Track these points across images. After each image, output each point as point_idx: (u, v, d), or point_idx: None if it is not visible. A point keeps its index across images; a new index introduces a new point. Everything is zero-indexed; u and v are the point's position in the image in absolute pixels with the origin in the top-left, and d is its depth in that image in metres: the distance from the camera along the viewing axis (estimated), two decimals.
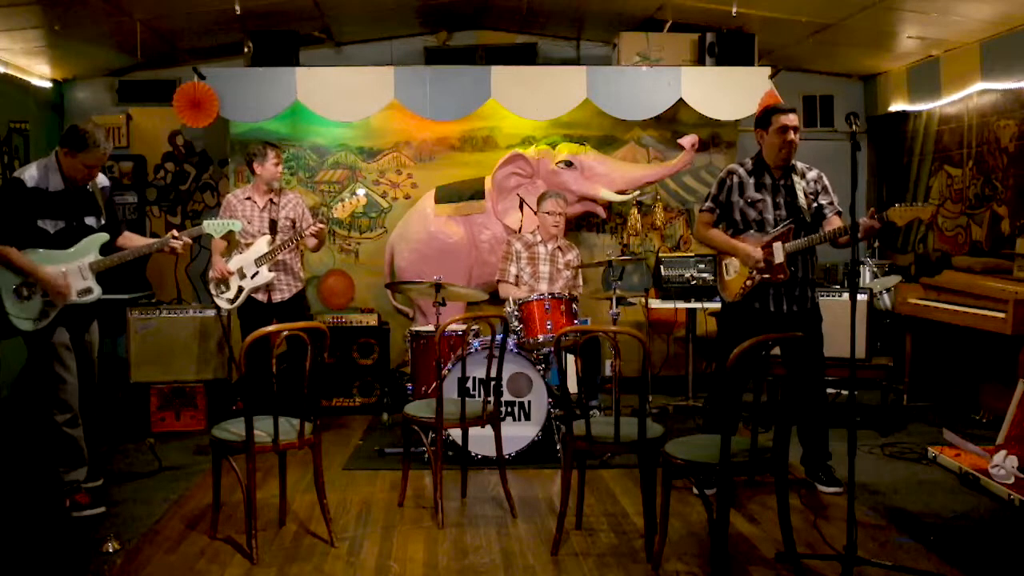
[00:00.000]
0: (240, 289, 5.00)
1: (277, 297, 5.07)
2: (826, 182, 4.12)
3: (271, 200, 5.10)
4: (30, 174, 3.80)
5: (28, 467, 4.42)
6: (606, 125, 6.40)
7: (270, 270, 4.98)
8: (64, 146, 3.81)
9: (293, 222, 5.13)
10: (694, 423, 5.42)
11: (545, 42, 6.70)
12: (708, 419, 4.37)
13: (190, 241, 4.06)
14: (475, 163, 6.43)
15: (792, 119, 4.00)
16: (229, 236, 5.03)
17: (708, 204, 4.15)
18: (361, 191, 4.98)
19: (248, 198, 5.12)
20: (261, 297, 5.04)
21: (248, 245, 5.05)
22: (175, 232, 4.03)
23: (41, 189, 3.79)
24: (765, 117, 4.08)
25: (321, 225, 4.95)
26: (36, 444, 4.16)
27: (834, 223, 3.96)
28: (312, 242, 5.05)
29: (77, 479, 3.90)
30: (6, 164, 5.71)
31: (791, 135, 3.98)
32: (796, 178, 4.04)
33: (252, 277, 4.97)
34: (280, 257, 5.00)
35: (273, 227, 5.03)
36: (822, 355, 4.15)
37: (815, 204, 4.02)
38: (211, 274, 5.11)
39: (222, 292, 5.05)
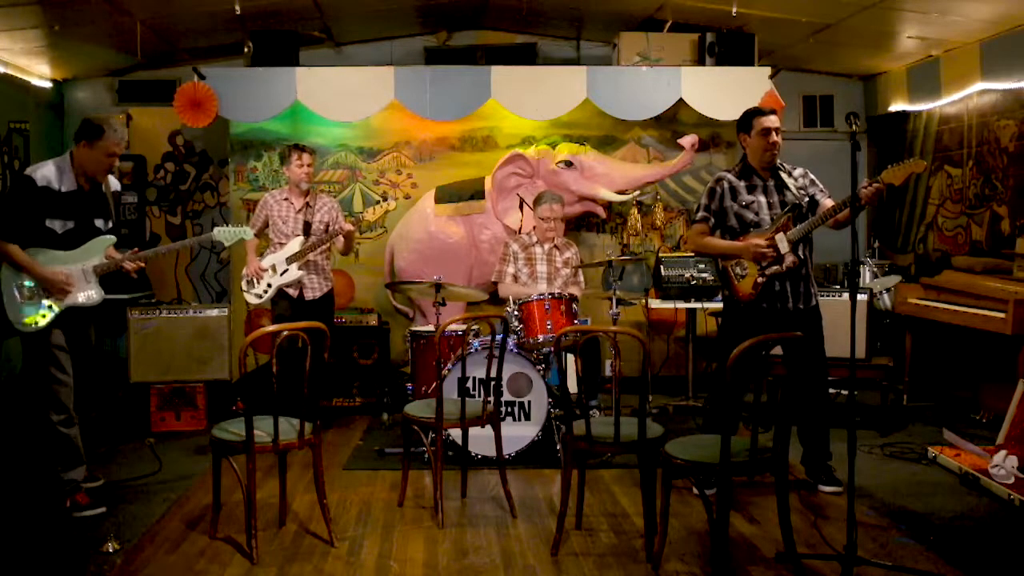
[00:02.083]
0: (268, 286, 5.13)
1: (309, 295, 5.19)
2: (812, 176, 4.13)
3: (307, 204, 5.19)
4: (42, 173, 3.77)
5: (28, 467, 4.42)
6: (606, 125, 6.40)
7: (299, 269, 5.09)
8: (81, 139, 3.80)
9: (327, 226, 5.21)
10: (694, 423, 5.42)
11: (545, 42, 6.70)
12: (708, 419, 4.37)
13: (142, 264, 4.00)
14: (475, 163, 6.44)
15: (773, 120, 4.01)
16: (260, 232, 5.22)
17: (701, 214, 4.12)
18: (392, 198, 5.12)
19: (286, 199, 5.22)
20: (292, 292, 5.16)
21: (281, 244, 5.16)
22: (136, 249, 4.05)
23: (52, 189, 3.76)
24: (746, 120, 4.08)
25: (351, 227, 5.07)
26: (35, 444, 4.15)
27: (828, 204, 3.94)
28: (340, 242, 5.15)
29: (75, 479, 3.90)
30: (6, 164, 5.71)
31: (774, 136, 3.99)
32: (784, 176, 4.05)
33: (281, 274, 5.11)
34: (312, 258, 5.13)
35: (307, 229, 5.15)
36: (824, 354, 4.15)
37: (807, 198, 4.03)
38: (245, 271, 5.22)
39: (252, 288, 5.19)
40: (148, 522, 3.74)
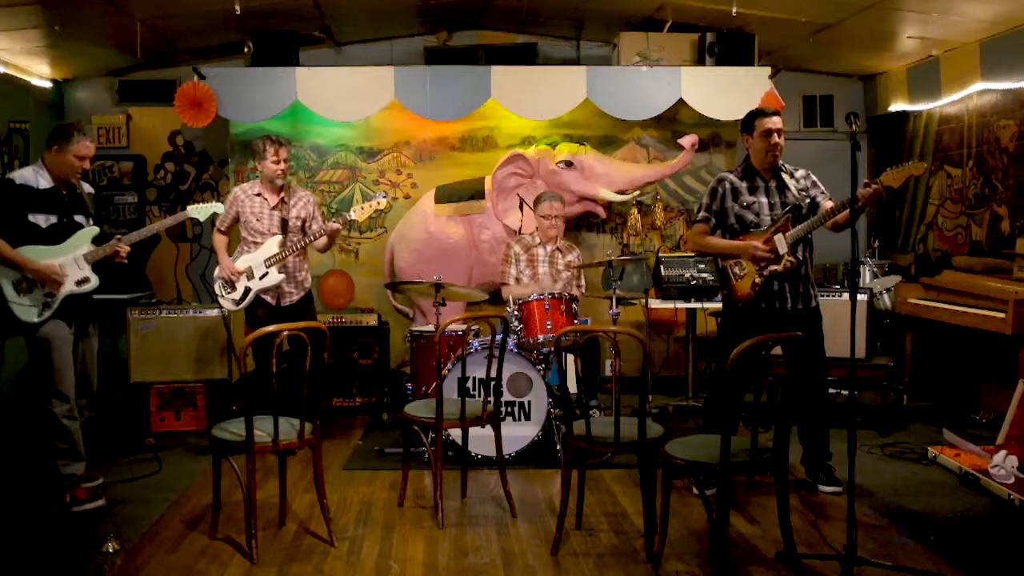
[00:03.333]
0: (247, 290, 4.80)
1: (285, 301, 4.86)
2: (814, 178, 4.13)
3: (282, 199, 4.87)
4: (19, 173, 3.93)
5: (28, 466, 4.42)
6: (606, 125, 6.40)
7: (279, 272, 4.79)
8: (52, 144, 3.91)
9: (303, 222, 4.91)
10: (694, 423, 5.42)
11: (545, 42, 6.70)
12: (708, 419, 4.37)
13: (128, 248, 4.04)
14: (475, 163, 6.43)
15: (775, 122, 4.00)
16: (230, 230, 4.98)
17: (702, 214, 4.13)
18: (382, 195, 4.90)
19: (258, 194, 4.87)
20: (270, 299, 4.84)
21: (256, 244, 4.84)
22: (119, 236, 4.05)
23: (29, 186, 3.88)
24: (749, 121, 4.08)
25: (337, 225, 4.73)
26: (36, 443, 4.16)
27: (829, 206, 3.93)
28: (322, 242, 4.85)
29: (75, 473, 3.92)
30: (6, 164, 5.71)
31: (775, 138, 3.98)
32: (786, 177, 4.05)
33: (261, 278, 4.78)
34: (288, 259, 4.81)
35: (284, 226, 4.82)
36: (824, 355, 4.15)
37: (808, 199, 4.03)
38: (218, 273, 4.88)
39: (228, 292, 4.84)
40: (148, 522, 3.74)
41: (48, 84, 6.36)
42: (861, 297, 5.02)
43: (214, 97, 5.67)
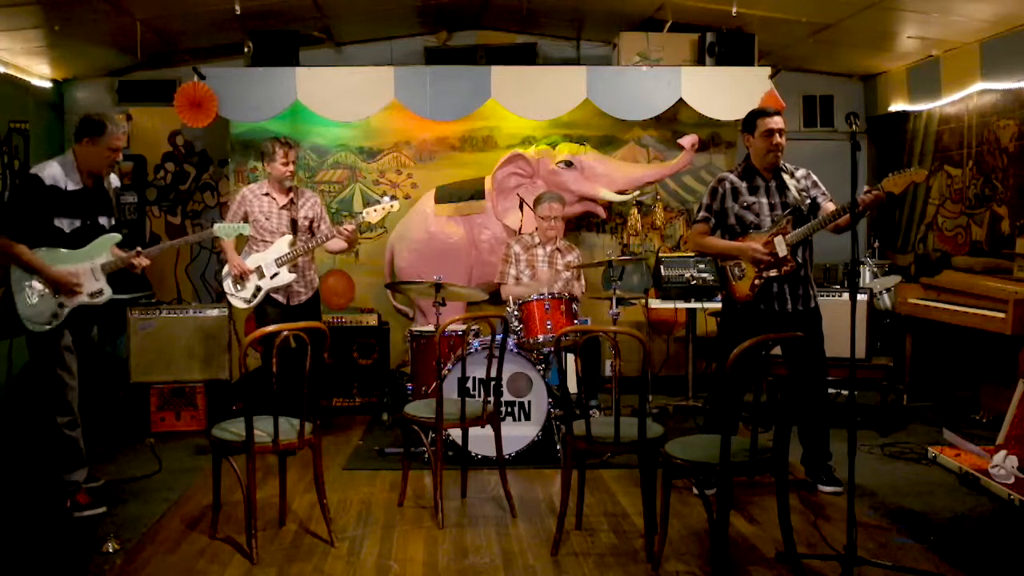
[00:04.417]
0: (258, 289, 4.83)
1: (295, 300, 4.93)
2: (815, 178, 4.13)
3: (291, 199, 4.92)
4: (49, 172, 3.77)
5: (28, 468, 4.42)
6: (606, 125, 6.40)
7: (291, 272, 4.83)
8: (83, 137, 3.79)
9: (311, 222, 4.98)
10: (694, 423, 5.42)
11: (545, 42, 6.69)
12: (708, 419, 4.37)
13: (148, 262, 3.98)
14: (475, 163, 6.43)
15: (777, 122, 3.99)
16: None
17: (702, 214, 4.13)
18: (394, 200, 4.89)
19: (267, 194, 4.93)
20: (281, 298, 4.89)
21: (265, 243, 4.88)
22: (139, 249, 3.99)
23: (59, 188, 3.77)
24: (750, 121, 4.08)
25: (352, 227, 4.78)
26: (36, 444, 4.16)
27: (830, 208, 3.94)
28: (339, 244, 4.90)
29: (77, 480, 3.90)
30: (6, 164, 5.71)
31: (777, 138, 3.98)
32: (786, 177, 4.04)
33: (272, 277, 4.82)
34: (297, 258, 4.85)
35: (294, 226, 4.88)
36: (824, 355, 4.15)
37: (808, 200, 4.02)
38: (227, 271, 4.91)
39: (238, 290, 4.87)
40: (148, 522, 3.74)
41: (48, 84, 6.36)
42: (861, 297, 5.03)
43: (214, 97, 5.67)
